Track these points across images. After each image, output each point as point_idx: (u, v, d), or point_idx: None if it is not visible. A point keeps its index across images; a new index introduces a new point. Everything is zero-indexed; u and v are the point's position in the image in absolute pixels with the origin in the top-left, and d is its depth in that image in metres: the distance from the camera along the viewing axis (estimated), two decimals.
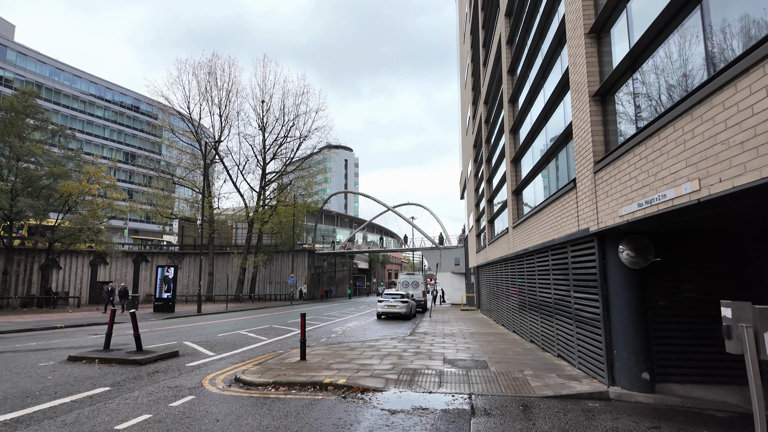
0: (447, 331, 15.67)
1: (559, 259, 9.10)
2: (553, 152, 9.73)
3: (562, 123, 8.89)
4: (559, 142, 9.09)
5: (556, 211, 8.84)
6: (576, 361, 8.16)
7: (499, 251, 17.32)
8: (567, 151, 8.81)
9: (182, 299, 46.14)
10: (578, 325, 8.00)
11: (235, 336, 14.47)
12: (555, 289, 9.51)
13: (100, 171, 33.85)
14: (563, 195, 8.33)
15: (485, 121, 21.97)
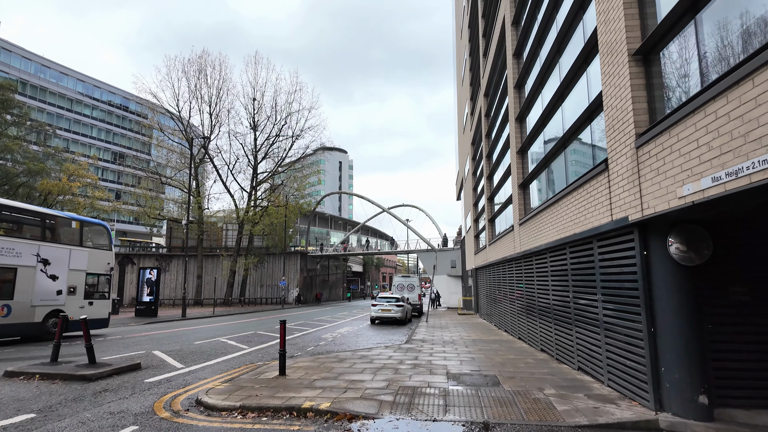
0: (446, 338, 14.37)
1: (581, 257, 7.84)
2: (572, 135, 8.50)
3: (585, 99, 7.66)
4: (581, 122, 7.86)
5: (578, 200, 7.60)
6: (605, 377, 6.89)
7: (502, 251, 16.07)
8: (591, 131, 7.57)
9: (170, 303, 44.56)
10: (608, 335, 6.74)
11: (213, 344, 13.08)
12: (574, 293, 8.25)
13: (81, 168, 32.32)
14: (589, 181, 7.09)
15: (485, 115, 20.78)
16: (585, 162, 8.03)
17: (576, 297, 8.18)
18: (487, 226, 20.26)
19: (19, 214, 14.32)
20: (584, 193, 7.33)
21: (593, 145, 7.52)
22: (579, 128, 8.07)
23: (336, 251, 60.58)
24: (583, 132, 7.99)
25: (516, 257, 13.37)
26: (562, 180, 9.24)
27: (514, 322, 14.42)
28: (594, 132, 7.46)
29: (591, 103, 7.27)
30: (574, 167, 8.54)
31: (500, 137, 17.12)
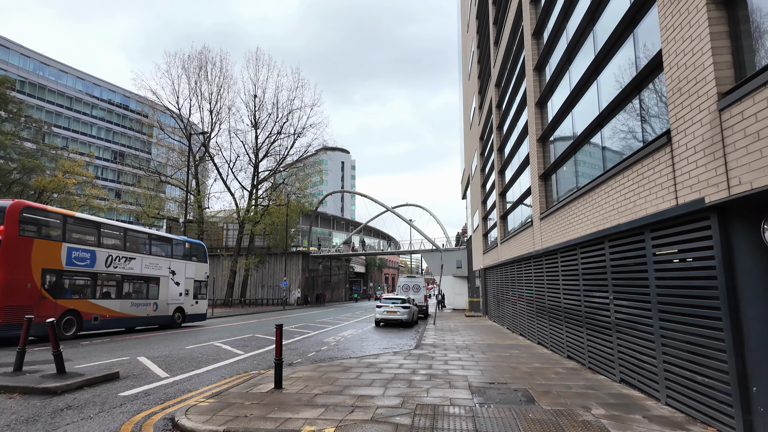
0: (459, 342, 13.26)
1: (626, 252, 6.75)
2: (611, 112, 7.40)
3: (631, 66, 6.58)
4: (625, 94, 6.76)
5: (623, 185, 6.50)
6: (661, 394, 5.79)
7: (517, 249, 14.97)
8: (640, 103, 6.48)
9: None
10: (667, 344, 5.64)
11: (206, 349, 12.01)
12: (615, 294, 7.15)
13: (76, 165, 31.34)
14: (640, 161, 5.99)
15: (497, 106, 19.68)
16: (628, 142, 6.93)
17: (618, 299, 7.08)
18: (499, 223, 19.15)
19: (158, 240, 19.88)
20: (633, 175, 6.23)
21: (642, 118, 6.42)
22: (622, 102, 6.97)
23: (339, 251, 59.51)
24: (626, 106, 6.89)
25: (535, 255, 12.27)
26: (598, 165, 8.14)
27: (531, 325, 13.31)
28: (644, 103, 6.36)
29: (641, 70, 6.18)
30: (614, 149, 7.44)
31: (515, 127, 16.03)
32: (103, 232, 16.58)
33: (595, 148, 8.39)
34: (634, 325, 6.54)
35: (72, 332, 14.48)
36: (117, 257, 16.66)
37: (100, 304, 15.83)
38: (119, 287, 16.82)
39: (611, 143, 7.60)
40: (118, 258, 16.68)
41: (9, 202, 13.29)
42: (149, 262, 18.29)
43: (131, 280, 17.45)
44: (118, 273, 16.75)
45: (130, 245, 17.62)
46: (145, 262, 18.10)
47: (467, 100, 34.90)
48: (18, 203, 13.36)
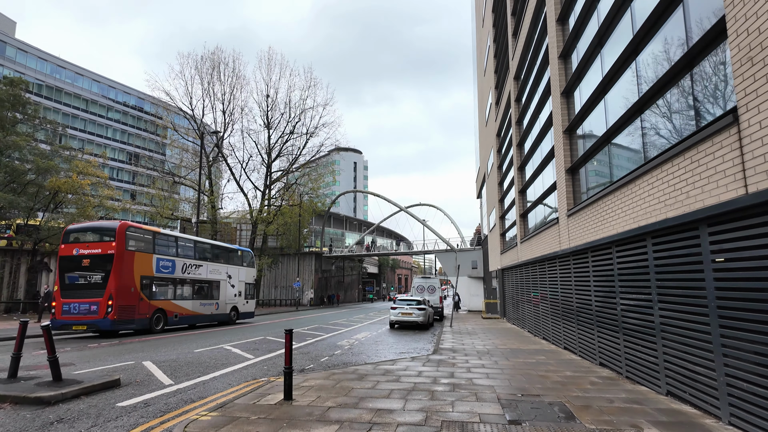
0: (479, 346, 12.57)
1: (674, 250, 6.02)
2: (654, 95, 6.67)
3: (680, 41, 5.86)
4: (675, 72, 6.03)
5: (675, 174, 5.77)
6: (722, 411, 5.06)
7: (540, 248, 14.23)
8: (693, 81, 5.75)
9: None
10: (730, 354, 4.92)
11: (215, 353, 11.52)
12: (661, 295, 6.43)
13: (90, 165, 31.33)
14: (697, 145, 5.26)
15: (515, 100, 18.92)
16: (677, 127, 6.20)
17: (663, 301, 6.35)
18: (519, 221, 18.38)
19: (219, 249, 22.96)
20: (685, 163, 5.51)
21: (695, 99, 5.69)
22: (669, 83, 6.24)
23: (351, 252, 59.04)
24: (673, 88, 6.16)
25: (561, 254, 11.52)
26: (637, 155, 7.40)
27: (556, 329, 12.55)
28: (699, 82, 5.64)
29: (696, 43, 5.46)
30: (659, 136, 6.71)
31: (536, 120, 15.28)
32: (180, 244, 19.51)
33: (632, 137, 7.65)
34: (686, 332, 5.81)
35: (160, 326, 17.50)
36: (189, 265, 19.62)
37: (179, 304, 18.78)
38: (191, 290, 19.81)
39: (653, 130, 6.87)
40: (190, 265, 19.66)
41: (117, 223, 16.37)
42: (212, 268, 21.32)
43: (199, 283, 20.40)
44: (190, 278, 19.69)
45: (198, 254, 20.56)
46: (209, 268, 21.09)
47: (482, 96, 34.10)
48: (123, 224, 16.34)
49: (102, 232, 16.65)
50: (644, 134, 7.11)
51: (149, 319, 16.90)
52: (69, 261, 16.11)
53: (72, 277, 16.01)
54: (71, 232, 17.01)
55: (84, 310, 15.37)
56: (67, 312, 15.53)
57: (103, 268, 15.70)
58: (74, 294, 15.68)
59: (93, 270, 15.83)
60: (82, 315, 15.35)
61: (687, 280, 5.77)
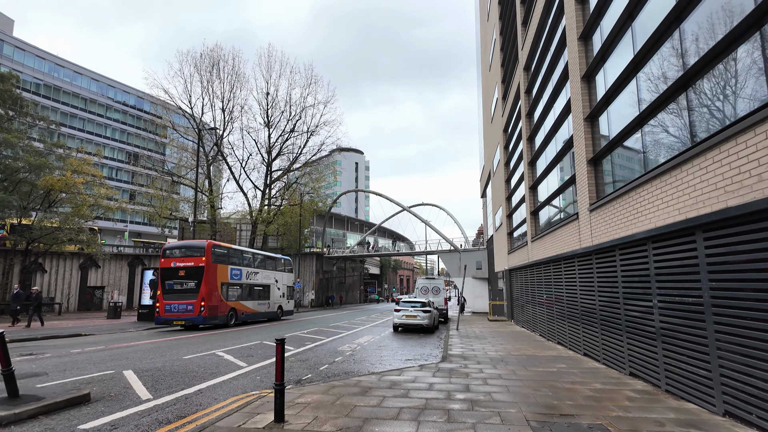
0: (491, 353, 11.64)
1: (737, 245, 5.10)
2: (712, 61, 5.75)
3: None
4: (740, 32, 5.10)
5: (739, 154, 4.85)
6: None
7: (555, 247, 13.29)
8: (764, 40, 4.83)
9: None
10: None
11: (205, 360, 10.61)
12: (717, 298, 5.50)
13: (84, 163, 30.47)
14: (762, 122, 4.35)
15: (526, 92, 18.00)
16: (740, 98, 5.28)
17: (721, 305, 5.42)
18: (529, 219, 17.44)
19: (269, 258, 27.01)
20: (755, 139, 4.58)
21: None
22: (731, 46, 5.31)
23: (353, 252, 58.13)
24: (735, 52, 5.24)
25: (582, 253, 10.58)
26: (681, 138, 6.47)
27: (574, 333, 11.61)
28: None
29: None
30: (711, 113, 5.78)
31: (550, 110, 14.36)
32: (244, 256, 23.65)
33: (671, 118, 6.73)
34: (756, 342, 4.88)
35: (233, 322, 21.41)
36: (251, 272, 23.61)
37: (245, 304, 22.66)
38: (252, 292, 23.52)
39: (704, 107, 5.94)
40: (251, 273, 23.63)
41: (205, 242, 20.39)
42: (265, 274, 25.39)
43: (257, 287, 24.19)
44: (251, 283, 23.44)
45: (256, 264, 24.81)
46: (263, 274, 25.15)
47: (488, 93, 33.20)
48: (209, 242, 20.43)
49: (193, 248, 20.46)
50: (690, 111, 6.17)
51: (227, 315, 20.92)
52: (168, 271, 20.04)
53: (170, 284, 19.88)
54: (168, 249, 20.89)
55: (182, 309, 19.41)
56: (168, 311, 19.54)
57: (195, 276, 19.67)
58: (173, 297, 19.65)
59: (187, 278, 19.77)
60: (181, 313, 19.40)
61: (755, 279, 4.84)
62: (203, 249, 20.02)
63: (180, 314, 19.41)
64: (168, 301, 19.64)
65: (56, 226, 29.00)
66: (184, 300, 19.46)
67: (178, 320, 19.42)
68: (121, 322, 24.60)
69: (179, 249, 20.84)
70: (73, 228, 29.15)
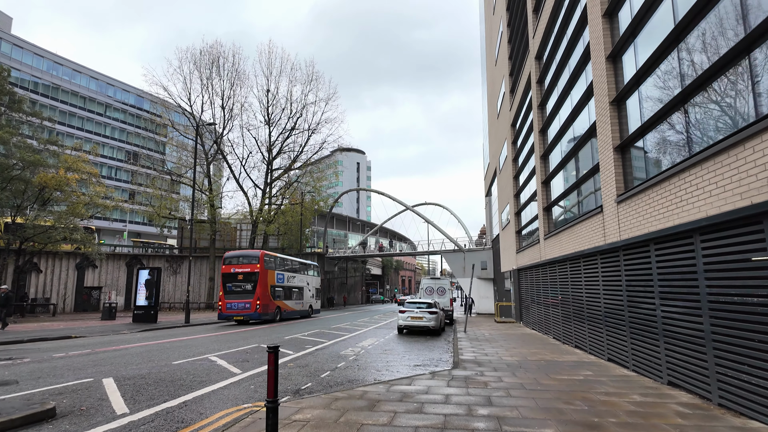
0: (506, 357, 10.75)
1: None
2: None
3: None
4: None
5: None
6: None
7: (573, 244, 12.41)
8: None
9: (179, 307, 41.65)
10: None
11: (196, 366, 9.74)
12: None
13: (79, 160, 29.67)
14: None
15: (538, 82, 17.12)
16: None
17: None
18: (542, 216, 16.55)
19: (302, 264, 30.65)
20: None
21: None
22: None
23: (354, 253, 57.26)
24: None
25: (607, 249, 9.69)
26: (743, 110, 5.58)
27: (596, 337, 10.71)
28: None
29: None
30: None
31: (566, 99, 13.49)
32: (285, 262, 27.34)
33: (734, 85, 5.84)
34: None
35: (278, 318, 24.82)
36: (290, 276, 27.39)
37: (286, 303, 26.19)
38: (290, 293, 27.12)
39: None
40: (291, 277, 27.41)
41: (259, 252, 24.30)
42: (300, 278, 29.01)
43: (294, 288, 27.81)
44: (290, 285, 27.13)
45: (293, 268, 28.53)
46: (299, 278, 28.84)
47: (494, 88, 32.33)
48: (262, 252, 24.34)
49: (249, 257, 24.23)
50: (756, 82, 5.29)
51: (275, 312, 24.46)
52: (228, 276, 23.83)
53: (230, 287, 23.57)
54: (228, 257, 24.55)
55: (240, 307, 22.93)
56: (229, 308, 23.12)
57: (251, 280, 23.29)
58: (233, 297, 23.31)
59: (245, 282, 23.40)
60: (239, 310, 22.93)
61: None
62: (258, 257, 23.87)
63: (239, 311, 22.91)
64: (228, 300, 23.30)
65: (50, 225, 28.17)
66: (242, 299, 23.12)
67: (237, 316, 22.89)
68: (115, 323, 23.76)
69: (237, 257, 24.43)
70: (67, 227, 28.32)
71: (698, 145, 6.47)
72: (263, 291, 23.25)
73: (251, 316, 22.68)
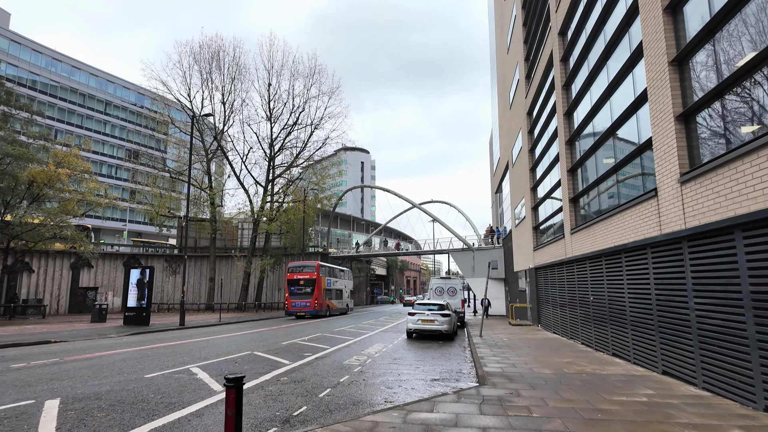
0: (538, 369, 9.10)
1: None
2: None
3: None
4: None
5: None
6: None
7: (610, 237, 10.75)
8: None
9: (179, 308, 40.08)
10: None
11: (170, 381, 8.15)
12: None
13: (70, 155, 28.22)
14: None
15: (562, 60, 15.45)
16: None
17: None
18: (567, 208, 14.88)
19: (340, 270, 37.23)
20: None
21: None
22: None
23: (359, 252, 55.68)
24: None
25: (666, 240, 8.03)
26: None
27: (645, 345, 9.04)
28: None
29: None
30: None
31: (600, 71, 11.83)
32: (331, 269, 34.14)
33: None
34: None
35: (327, 315, 30.77)
36: (334, 281, 33.65)
37: (332, 302, 32.35)
38: (335, 294, 33.56)
39: None
40: (334, 281, 33.62)
41: (315, 262, 31.39)
42: (339, 281, 35.45)
43: (336, 290, 34.20)
44: (334, 288, 33.55)
45: (336, 274, 35.24)
46: (339, 282, 35.37)
47: (505, 77, 30.66)
48: (318, 263, 31.36)
49: (308, 266, 31.25)
50: None
51: (325, 310, 30.86)
52: (292, 282, 30.62)
53: (293, 290, 30.32)
54: (292, 267, 31.85)
55: (302, 305, 29.55)
56: (294, 306, 29.77)
57: (310, 285, 30.03)
58: (295, 298, 29.96)
59: (305, 286, 30.09)
60: (301, 308, 29.53)
61: None
62: (314, 267, 31.02)
63: (301, 309, 29.67)
64: (293, 300, 30.11)
65: (38, 222, 26.77)
66: (302, 299, 29.82)
67: (300, 312, 29.63)
68: (104, 326, 22.31)
69: (299, 267, 31.54)
70: (57, 224, 26.90)
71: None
72: (318, 293, 30.05)
73: (310, 312, 29.42)
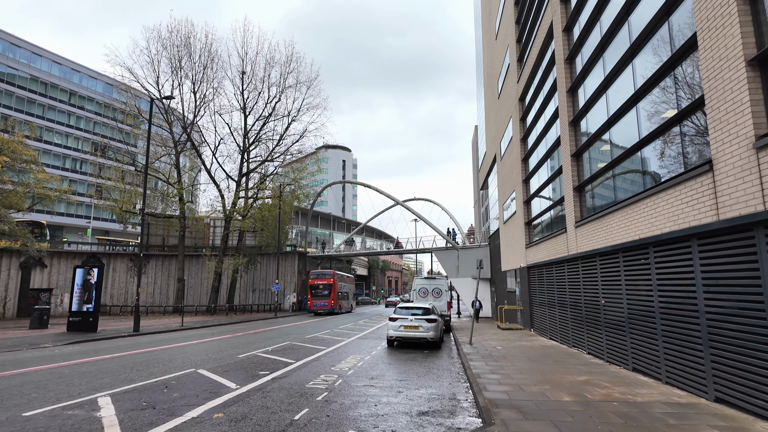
0: (553, 394, 7.14)
1: None
2: None
3: None
4: None
5: None
6: None
7: (637, 228, 8.89)
8: None
9: (142, 311, 37.12)
10: None
11: (53, 424, 5.89)
12: None
13: (13, 141, 25.27)
14: None
15: (565, 30, 13.61)
16: None
17: None
18: (573, 198, 13.03)
19: (347, 276, 44.99)
20: None
21: None
22: None
23: (338, 252, 53.39)
24: None
25: (720, 229, 6.14)
26: None
27: (687, 362, 7.18)
28: None
29: None
30: None
31: (615, 34, 9.99)
32: (342, 276, 41.37)
33: None
34: None
35: (339, 312, 38.73)
36: (343, 285, 40.67)
37: (342, 302, 39.60)
38: (343, 296, 40.37)
39: None
40: (343, 285, 40.82)
41: (332, 271, 39.01)
42: (346, 285, 42.44)
43: (344, 292, 40.96)
44: (343, 291, 40.38)
45: (344, 279, 42.09)
46: (346, 285, 42.41)
47: (494, 64, 28.90)
48: (334, 271, 38.92)
49: (325, 274, 38.26)
50: None
51: (338, 308, 38.13)
52: (313, 286, 37.85)
53: (314, 292, 37.44)
54: (313, 275, 38.69)
55: (321, 305, 36.69)
56: (315, 305, 36.82)
57: (327, 289, 37.36)
58: (316, 298, 37.10)
59: (323, 290, 37.37)
60: (320, 306, 36.66)
61: None
62: (331, 274, 37.87)
63: (320, 307, 36.41)
64: (314, 300, 36.95)
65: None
66: (322, 300, 36.75)
67: (319, 310, 36.48)
68: (44, 333, 19.64)
69: (318, 275, 38.22)
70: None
71: None
72: (334, 295, 37.15)
73: (326, 310, 36.37)
